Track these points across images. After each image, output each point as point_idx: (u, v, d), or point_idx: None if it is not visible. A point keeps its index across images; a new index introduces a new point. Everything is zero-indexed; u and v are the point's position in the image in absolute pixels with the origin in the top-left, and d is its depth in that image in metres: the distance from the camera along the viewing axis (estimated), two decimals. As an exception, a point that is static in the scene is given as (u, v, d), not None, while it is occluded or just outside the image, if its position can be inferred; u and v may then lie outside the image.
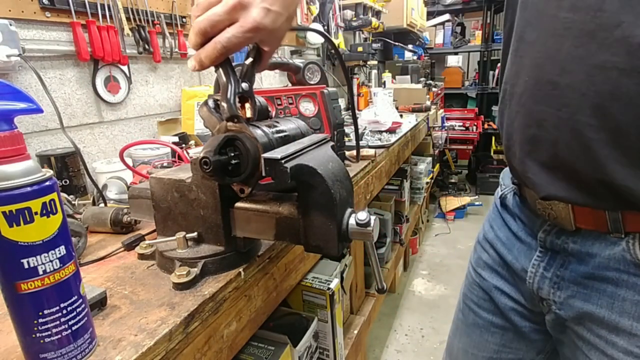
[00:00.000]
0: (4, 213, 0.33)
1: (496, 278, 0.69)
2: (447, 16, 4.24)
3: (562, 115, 0.48)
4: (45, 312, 0.36)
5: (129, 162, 1.03)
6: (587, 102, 0.45)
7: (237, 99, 0.51)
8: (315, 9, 2.15)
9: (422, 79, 3.13)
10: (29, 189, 0.34)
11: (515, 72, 0.55)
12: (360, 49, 2.46)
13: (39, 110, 0.37)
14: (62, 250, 0.37)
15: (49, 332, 0.37)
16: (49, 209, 0.35)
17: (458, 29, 4.43)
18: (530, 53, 0.52)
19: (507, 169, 0.69)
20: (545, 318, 0.63)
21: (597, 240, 0.53)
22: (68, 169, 0.91)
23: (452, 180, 3.98)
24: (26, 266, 0.35)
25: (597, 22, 0.43)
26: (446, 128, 3.84)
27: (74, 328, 0.38)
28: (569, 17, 0.45)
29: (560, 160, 0.50)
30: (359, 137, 1.16)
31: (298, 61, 0.94)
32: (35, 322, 0.36)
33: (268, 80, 1.88)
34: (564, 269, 0.57)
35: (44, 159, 0.90)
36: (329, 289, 0.97)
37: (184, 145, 1.15)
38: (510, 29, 0.57)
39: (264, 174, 0.47)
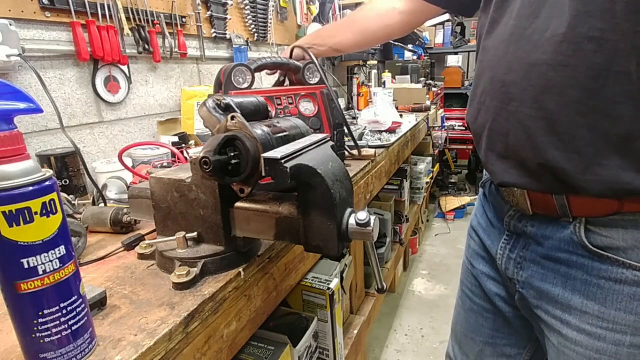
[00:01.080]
0: (4, 213, 0.33)
1: (482, 263, 0.74)
2: (447, 16, 4.23)
3: (510, 109, 0.55)
4: (45, 312, 0.36)
5: (129, 162, 1.03)
6: (527, 96, 0.52)
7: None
8: (315, 9, 2.15)
9: (422, 79, 3.13)
10: (29, 189, 0.34)
11: (477, 75, 0.63)
12: (360, 49, 2.45)
13: (39, 110, 0.37)
14: (62, 250, 0.37)
15: (49, 332, 0.37)
16: (49, 209, 0.35)
17: (458, 29, 4.43)
18: (487, 57, 0.59)
19: None
20: (515, 298, 0.67)
21: (550, 224, 0.58)
22: (68, 169, 0.91)
23: (452, 180, 3.98)
24: (26, 266, 0.35)
25: (533, 27, 0.51)
26: (446, 128, 3.84)
27: (74, 328, 0.38)
28: (514, 24, 0.53)
29: (511, 150, 0.56)
30: (353, 133, 1.16)
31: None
32: (35, 322, 0.36)
33: (268, 80, 1.88)
34: (525, 250, 0.63)
35: (44, 159, 0.90)
36: (329, 289, 0.97)
37: (184, 145, 1.15)
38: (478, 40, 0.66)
39: (264, 174, 0.47)
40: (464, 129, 4.13)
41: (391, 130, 1.67)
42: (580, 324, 0.56)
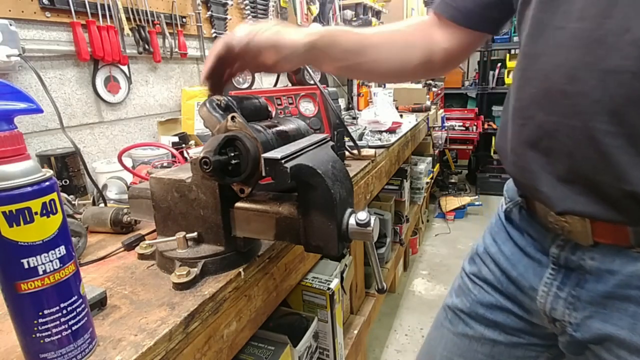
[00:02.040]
0: (4, 213, 0.33)
1: (497, 294, 0.66)
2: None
3: (575, 124, 0.46)
4: (45, 312, 0.36)
5: (129, 162, 1.03)
6: (601, 109, 0.43)
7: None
8: (315, 9, 2.15)
9: (422, 79, 3.13)
10: (29, 189, 0.34)
11: (519, 86, 0.53)
12: (360, 49, 2.46)
13: (39, 110, 0.37)
14: (62, 250, 0.37)
15: (49, 332, 0.37)
16: (49, 209, 0.35)
17: (458, 29, 4.42)
18: (536, 65, 0.50)
19: (510, 182, 0.67)
20: (559, 339, 0.60)
21: (617, 256, 0.49)
22: (68, 169, 0.91)
23: (452, 180, 3.98)
24: (26, 266, 0.35)
25: (605, 29, 0.43)
26: (446, 128, 3.84)
27: (74, 328, 0.38)
28: (577, 26, 0.45)
29: (577, 172, 0.47)
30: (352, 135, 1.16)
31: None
32: (35, 322, 0.36)
33: (268, 80, 1.88)
34: (580, 288, 0.53)
35: (44, 159, 0.90)
36: (329, 289, 0.97)
37: (184, 145, 1.15)
38: (519, 46, 0.56)
39: (264, 174, 0.47)
40: (464, 129, 4.13)
41: (391, 130, 1.67)
42: None
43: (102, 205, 0.82)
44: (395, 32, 0.69)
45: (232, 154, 0.49)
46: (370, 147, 1.37)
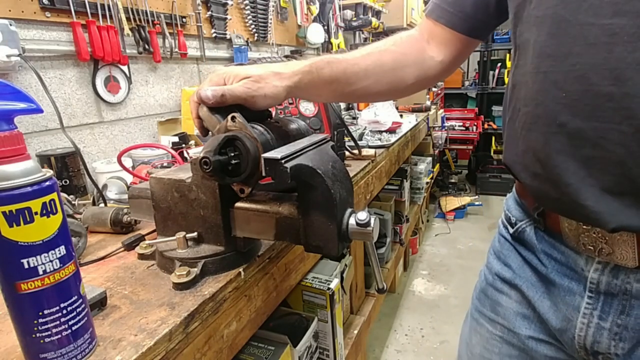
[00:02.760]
0: (4, 213, 0.33)
1: (528, 326, 0.58)
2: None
3: (625, 130, 0.41)
4: (45, 312, 0.36)
5: (129, 162, 1.03)
6: None
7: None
8: (315, 9, 2.15)
9: (422, 79, 3.12)
10: (29, 189, 0.34)
11: (541, 90, 0.47)
12: (360, 49, 2.46)
13: (39, 110, 0.37)
14: (62, 250, 0.37)
15: (49, 332, 0.37)
16: (49, 209, 0.35)
17: (458, 29, 4.42)
18: (561, 67, 0.45)
19: (511, 199, 0.62)
20: None
21: None
22: (68, 169, 0.91)
23: (452, 180, 3.98)
24: (26, 266, 0.35)
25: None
26: (446, 128, 3.84)
27: (74, 328, 0.38)
28: (614, 22, 0.40)
29: (630, 183, 0.42)
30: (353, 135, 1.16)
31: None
32: (35, 322, 0.36)
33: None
34: (625, 316, 0.48)
35: (44, 159, 0.90)
36: (329, 289, 0.97)
37: (184, 145, 1.15)
38: (521, 47, 0.52)
39: (264, 174, 0.47)
40: (464, 129, 4.13)
41: (391, 130, 1.67)
42: None
43: (102, 205, 0.82)
44: (384, 52, 0.64)
45: (232, 154, 0.49)
46: (370, 147, 1.37)
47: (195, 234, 0.56)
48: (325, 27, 2.28)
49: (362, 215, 0.46)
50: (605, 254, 0.47)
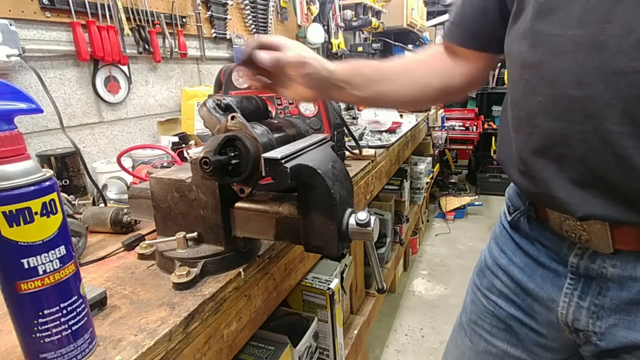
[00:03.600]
0: (4, 213, 0.33)
1: (514, 308, 0.65)
2: (447, 16, 4.23)
3: (586, 129, 0.46)
4: (45, 312, 0.36)
5: (129, 162, 1.03)
6: (612, 111, 0.44)
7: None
8: (316, 9, 2.15)
9: (422, 79, 3.12)
10: (29, 189, 0.34)
11: (524, 95, 0.53)
12: (360, 49, 2.46)
13: (39, 110, 0.37)
14: (62, 250, 0.37)
15: (49, 332, 0.37)
16: (49, 209, 0.35)
17: (458, 29, 4.42)
18: (538, 73, 0.50)
19: (512, 190, 0.67)
20: (582, 349, 0.59)
21: (639, 262, 0.49)
22: (68, 169, 0.91)
23: (452, 180, 3.98)
24: (26, 266, 0.35)
25: (607, 33, 0.43)
26: (446, 128, 3.84)
27: (74, 328, 0.38)
28: (577, 32, 0.45)
29: (593, 176, 0.47)
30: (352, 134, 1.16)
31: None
32: (35, 322, 0.36)
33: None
34: (602, 297, 0.53)
35: (44, 159, 0.90)
36: (329, 289, 0.97)
37: (184, 145, 1.15)
38: (510, 57, 0.57)
39: (264, 174, 0.47)
40: (464, 129, 4.12)
41: (391, 130, 1.67)
42: None
43: (102, 205, 0.82)
44: (413, 61, 0.71)
45: (232, 154, 0.49)
46: (370, 147, 1.37)
47: (195, 234, 0.56)
48: (325, 27, 2.28)
49: (362, 215, 0.46)
50: (584, 241, 0.52)
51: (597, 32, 0.44)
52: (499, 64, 4.21)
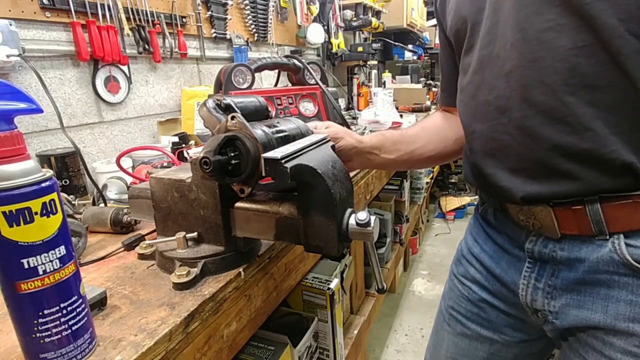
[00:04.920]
0: (4, 213, 0.33)
1: (485, 292, 0.70)
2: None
3: (504, 121, 0.55)
4: (45, 312, 0.36)
5: (129, 162, 1.03)
6: (515, 101, 0.53)
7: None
8: (316, 9, 2.15)
9: (422, 79, 3.13)
10: (29, 189, 0.34)
11: (462, 112, 0.66)
12: (360, 49, 2.46)
13: (39, 110, 0.37)
14: (62, 250, 0.37)
15: (49, 332, 0.37)
16: (49, 209, 0.35)
17: (458, 29, 4.42)
18: (465, 93, 0.64)
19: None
20: (544, 328, 0.63)
21: (583, 245, 0.54)
22: (68, 169, 0.91)
23: (452, 180, 3.98)
24: (26, 266, 0.35)
25: (497, 47, 0.55)
26: (446, 128, 3.83)
27: (74, 328, 0.38)
28: (481, 54, 0.58)
29: (520, 159, 0.55)
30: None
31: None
32: (35, 322, 0.36)
33: (268, 81, 1.88)
34: (555, 278, 0.58)
35: (44, 159, 0.90)
36: (329, 289, 0.97)
37: (183, 145, 1.15)
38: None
39: (264, 174, 0.47)
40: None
41: (391, 130, 1.67)
42: (627, 345, 0.52)
43: (102, 205, 0.82)
44: (427, 122, 0.82)
45: (232, 154, 0.49)
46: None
47: (195, 234, 0.56)
48: (325, 27, 2.28)
49: (362, 215, 0.46)
50: (537, 228, 0.58)
51: (491, 50, 0.56)
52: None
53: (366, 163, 0.72)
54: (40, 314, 0.36)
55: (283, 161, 0.45)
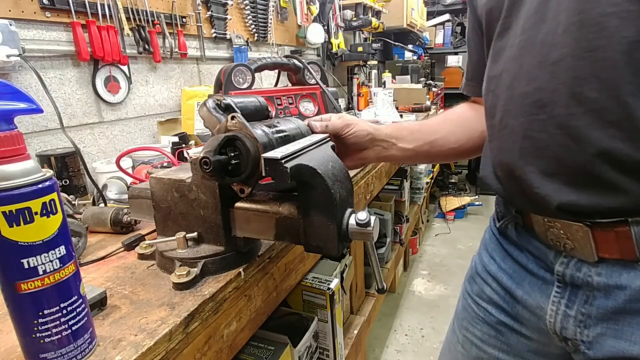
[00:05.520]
0: (4, 213, 0.33)
1: (503, 314, 0.64)
2: (447, 16, 4.24)
3: (543, 118, 0.49)
4: (45, 312, 0.36)
5: (129, 162, 1.03)
6: (560, 96, 0.47)
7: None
8: (316, 9, 2.15)
9: (422, 79, 3.13)
10: (29, 189, 0.34)
11: (491, 106, 0.57)
12: (360, 49, 2.46)
13: (39, 110, 0.37)
14: (62, 250, 0.37)
15: (49, 332, 0.37)
16: (49, 209, 0.35)
17: (458, 29, 4.42)
18: (498, 82, 0.55)
19: (498, 196, 0.66)
20: (574, 358, 0.58)
21: (624, 271, 0.48)
22: (68, 169, 0.91)
23: (452, 180, 3.98)
24: (26, 266, 0.35)
25: (544, 31, 0.48)
26: (446, 128, 3.83)
27: (74, 328, 0.38)
28: (522, 38, 0.51)
29: (558, 163, 0.49)
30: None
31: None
32: (35, 322, 0.36)
33: (268, 80, 1.88)
34: (589, 306, 0.52)
35: (44, 159, 0.90)
36: (329, 289, 0.97)
37: (183, 145, 1.15)
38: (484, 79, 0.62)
39: (264, 174, 0.47)
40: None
41: (391, 130, 1.67)
42: None
43: (102, 205, 0.82)
44: (450, 113, 0.76)
45: (232, 154, 0.49)
46: (370, 147, 1.37)
47: (195, 234, 0.56)
48: (325, 27, 2.28)
49: (362, 215, 0.46)
50: (569, 249, 0.52)
51: (536, 33, 0.49)
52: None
53: (382, 153, 0.68)
54: (40, 314, 0.36)
55: (283, 161, 0.45)
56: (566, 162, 0.48)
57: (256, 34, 1.77)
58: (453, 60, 4.35)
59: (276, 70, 0.98)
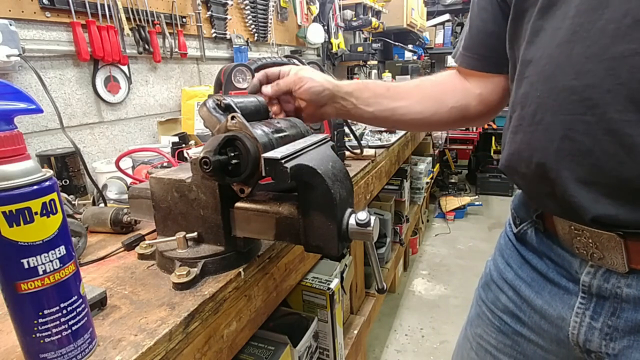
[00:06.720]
0: (4, 213, 0.33)
1: (519, 324, 0.62)
2: (447, 16, 4.24)
3: (589, 119, 0.43)
4: (45, 312, 0.36)
5: (129, 162, 1.03)
6: (616, 98, 0.41)
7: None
8: (316, 9, 2.15)
9: (422, 79, 3.12)
10: (29, 189, 0.34)
11: (523, 94, 0.51)
12: (360, 49, 2.46)
13: (39, 110, 0.37)
14: (62, 250, 0.37)
15: (49, 332, 0.37)
16: (49, 209, 0.35)
17: (458, 29, 4.42)
18: (536, 69, 0.48)
19: (518, 199, 0.64)
20: None
21: None
22: (68, 169, 0.91)
23: (452, 180, 3.98)
24: (26, 266, 0.35)
25: (605, 18, 0.41)
26: (446, 128, 3.83)
27: (74, 328, 0.38)
28: (575, 21, 0.44)
29: (600, 172, 0.44)
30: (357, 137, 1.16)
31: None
32: (35, 322, 0.36)
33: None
34: (616, 318, 0.50)
35: (44, 159, 0.90)
36: (329, 289, 0.97)
37: (183, 145, 1.15)
38: (514, 63, 0.55)
39: (264, 174, 0.47)
40: (464, 128, 4.12)
41: (391, 131, 1.67)
42: None
43: (102, 205, 0.82)
44: (426, 80, 0.69)
45: (232, 154, 0.49)
46: (370, 147, 1.37)
47: (195, 234, 0.56)
48: (325, 27, 2.28)
49: (362, 215, 0.46)
50: (597, 259, 0.49)
51: (595, 19, 0.42)
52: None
53: (341, 110, 0.64)
54: (40, 314, 0.36)
55: (283, 161, 0.45)
56: (610, 173, 0.43)
57: (256, 34, 1.77)
58: (453, 60, 4.34)
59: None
